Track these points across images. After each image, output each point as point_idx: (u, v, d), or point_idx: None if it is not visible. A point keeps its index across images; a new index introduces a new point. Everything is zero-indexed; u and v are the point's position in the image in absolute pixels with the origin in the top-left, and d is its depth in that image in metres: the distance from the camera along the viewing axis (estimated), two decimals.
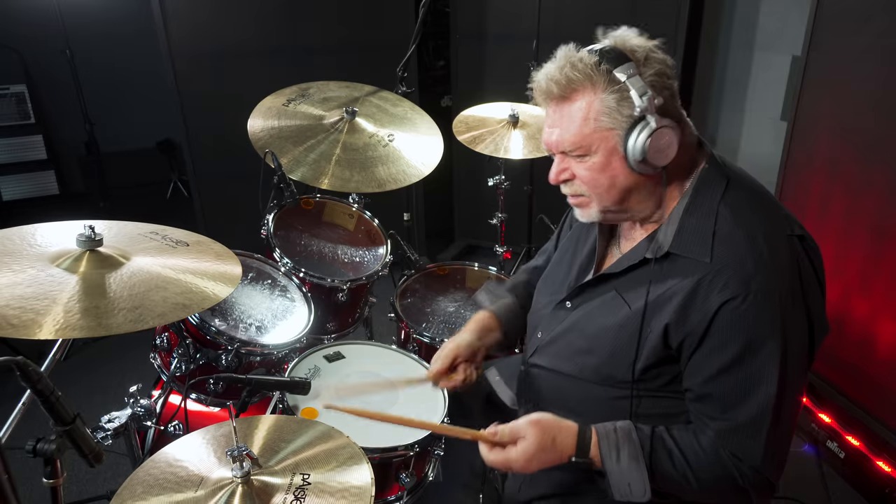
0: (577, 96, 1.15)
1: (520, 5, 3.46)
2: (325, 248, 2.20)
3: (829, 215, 2.40)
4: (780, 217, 1.17)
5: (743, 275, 1.08)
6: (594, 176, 1.18)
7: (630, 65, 1.11)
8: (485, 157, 2.58)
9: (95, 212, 4.55)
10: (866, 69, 2.23)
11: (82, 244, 1.20)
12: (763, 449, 1.12)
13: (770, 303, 1.08)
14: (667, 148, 1.12)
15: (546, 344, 1.37)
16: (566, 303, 1.34)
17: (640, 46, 1.14)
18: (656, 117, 1.10)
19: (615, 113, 1.12)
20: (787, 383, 1.10)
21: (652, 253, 1.18)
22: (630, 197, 1.20)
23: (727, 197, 1.16)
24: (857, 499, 2.29)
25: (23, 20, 4.41)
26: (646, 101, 1.10)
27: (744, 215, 1.14)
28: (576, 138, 1.16)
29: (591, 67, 1.12)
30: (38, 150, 4.75)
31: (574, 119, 1.15)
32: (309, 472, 1.10)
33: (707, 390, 1.15)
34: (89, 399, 2.83)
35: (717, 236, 1.12)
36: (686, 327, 1.13)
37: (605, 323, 1.24)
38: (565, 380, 1.30)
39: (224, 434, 1.20)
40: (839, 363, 2.39)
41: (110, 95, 4.85)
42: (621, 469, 1.15)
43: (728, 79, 3.48)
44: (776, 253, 1.10)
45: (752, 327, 1.08)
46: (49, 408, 0.93)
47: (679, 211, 1.19)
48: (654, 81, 1.12)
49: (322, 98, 2.28)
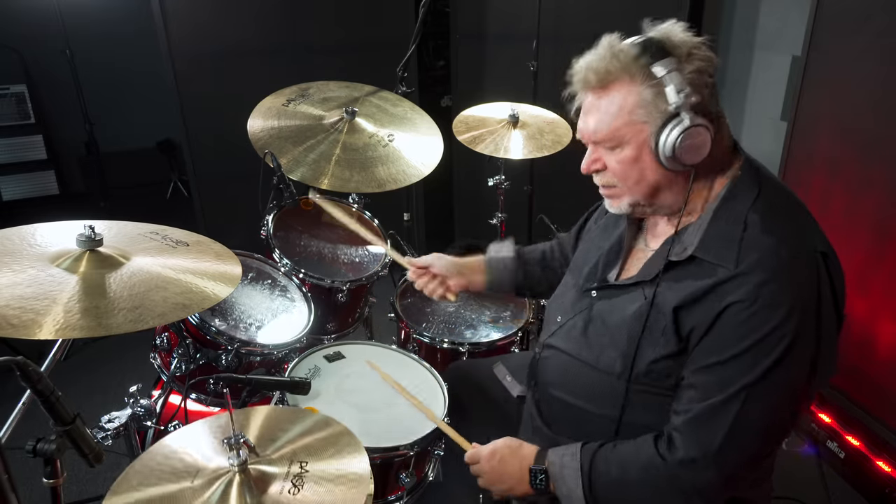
0: (614, 87, 1.14)
1: (520, 5, 3.46)
2: (324, 249, 2.20)
3: (829, 215, 2.40)
4: (807, 231, 1.15)
5: (757, 281, 1.08)
6: (624, 168, 1.18)
7: (671, 60, 1.10)
8: (485, 157, 2.58)
9: (95, 212, 4.55)
10: (866, 69, 2.23)
11: (82, 244, 1.20)
12: (718, 445, 1.11)
13: (777, 314, 1.06)
14: (699, 147, 1.11)
15: (564, 328, 1.37)
16: (591, 292, 1.34)
17: (683, 42, 1.13)
18: (691, 115, 1.10)
19: (650, 107, 1.12)
20: (766, 393, 1.09)
21: (676, 255, 1.18)
22: (659, 193, 1.20)
23: (757, 205, 1.15)
24: (857, 499, 2.29)
25: (23, 20, 4.42)
26: (682, 98, 1.09)
27: (771, 225, 1.12)
28: (609, 129, 1.15)
29: (631, 59, 1.12)
30: (38, 150, 4.75)
31: (609, 110, 1.15)
32: (306, 460, 1.10)
33: (692, 380, 1.15)
34: (89, 399, 2.83)
35: (744, 243, 1.11)
36: (694, 319, 1.13)
37: (624, 315, 1.24)
38: (580, 365, 1.31)
39: (220, 425, 1.20)
40: (839, 363, 2.38)
41: (110, 95, 4.85)
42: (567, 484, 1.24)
43: (728, 79, 3.48)
44: (796, 267, 1.09)
45: (753, 333, 1.08)
46: (49, 408, 0.93)
47: (708, 215, 1.18)
48: (694, 79, 1.11)
49: (322, 98, 2.28)
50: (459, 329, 2.11)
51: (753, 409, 1.10)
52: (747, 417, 1.10)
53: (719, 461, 1.12)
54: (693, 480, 1.14)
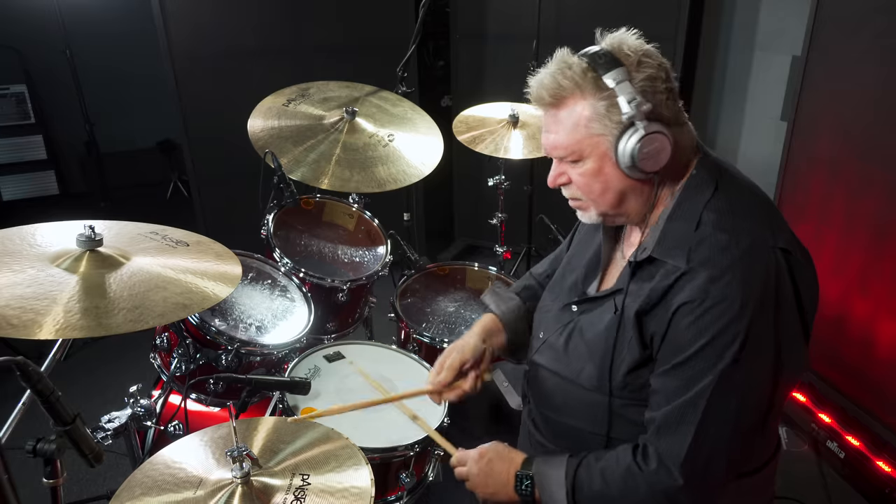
0: (567, 103, 1.14)
1: (520, 5, 3.46)
2: (325, 248, 2.20)
3: (830, 215, 2.39)
4: (765, 227, 1.13)
5: (705, 278, 1.07)
6: (588, 181, 1.18)
7: (621, 70, 1.09)
8: (485, 157, 2.58)
9: (95, 212, 4.56)
10: (866, 69, 2.23)
11: (82, 244, 1.20)
12: (686, 451, 1.10)
13: (729, 311, 1.05)
14: (658, 153, 1.11)
15: (548, 345, 1.37)
16: (572, 307, 1.35)
17: (633, 50, 1.12)
18: (645, 123, 1.09)
19: (605, 119, 1.12)
20: (726, 394, 1.08)
21: (634, 257, 1.19)
22: (625, 201, 1.20)
23: (713, 202, 1.14)
24: (857, 499, 2.29)
25: (23, 20, 4.41)
26: (634, 108, 1.09)
27: (726, 222, 1.12)
28: (568, 144, 1.16)
29: (579, 74, 1.12)
30: (38, 150, 4.75)
31: (565, 125, 1.15)
32: (309, 473, 1.10)
33: (655, 385, 1.15)
34: (89, 399, 2.83)
35: (695, 240, 1.11)
36: (654, 324, 1.14)
37: (599, 328, 1.24)
38: (565, 383, 1.31)
39: (223, 435, 1.20)
40: (839, 363, 2.39)
41: (110, 95, 4.85)
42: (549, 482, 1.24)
43: (728, 79, 3.48)
44: (749, 263, 1.08)
45: (706, 331, 1.07)
46: (49, 408, 0.93)
47: (665, 215, 1.18)
48: (645, 87, 1.11)
49: (322, 98, 2.29)
50: (459, 329, 2.11)
51: (717, 410, 1.09)
52: (712, 419, 1.09)
53: (687, 468, 1.11)
54: (667, 489, 1.13)
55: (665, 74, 1.14)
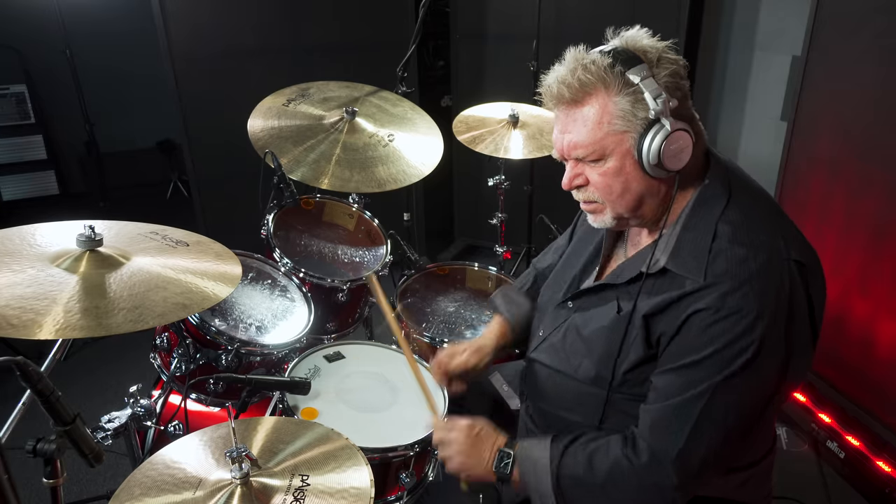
0: (589, 100, 1.12)
1: (520, 5, 3.46)
2: (325, 248, 2.20)
3: (830, 215, 2.40)
4: (778, 238, 1.13)
5: (723, 291, 1.07)
6: (608, 181, 1.16)
7: (643, 66, 1.08)
8: (485, 157, 2.58)
9: (95, 212, 4.56)
10: (866, 69, 2.23)
11: (82, 244, 1.20)
12: (678, 448, 1.11)
13: (743, 321, 1.06)
14: (681, 151, 1.10)
15: (546, 341, 1.37)
16: (568, 303, 1.34)
17: (652, 47, 1.12)
18: (671, 120, 1.08)
19: (629, 116, 1.10)
20: (727, 397, 1.09)
21: (647, 267, 1.17)
22: (643, 203, 1.18)
23: (728, 213, 1.14)
24: (857, 499, 2.29)
25: (23, 20, 4.41)
26: (660, 104, 1.08)
27: (741, 235, 1.11)
28: (590, 142, 1.13)
29: (603, 69, 1.10)
30: (38, 150, 4.75)
31: (587, 123, 1.12)
32: (308, 474, 1.10)
33: (656, 382, 1.15)
34: (89, 399, 2.83)
35: (712, 254, 1.11)
36: (662, 325, 1.14)
37: (600, 325, 1.24)
38: (563, 378, 1.31)
39: (222, 436, 1.20)
40: (839, 363, 2.39)
41: (110, 95, 4.85)
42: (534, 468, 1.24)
43: (728, 79, 3.48)
44: (766, 276, 1.08)
45: (718, 339, 1.07)
46: (49, 408, 0.93)
47: (678, 225, 1.17)
48: (668, 83, 1.10)
49: (322, 98, 2.28)
50: (459, 329, 2.11)
51: (714, 412, 1.09)
52: (708, 421, 1.09)
53: (678, 464, 1.11)
54: (655, 482, 1.14)
55: (683, 72, 1.13)
